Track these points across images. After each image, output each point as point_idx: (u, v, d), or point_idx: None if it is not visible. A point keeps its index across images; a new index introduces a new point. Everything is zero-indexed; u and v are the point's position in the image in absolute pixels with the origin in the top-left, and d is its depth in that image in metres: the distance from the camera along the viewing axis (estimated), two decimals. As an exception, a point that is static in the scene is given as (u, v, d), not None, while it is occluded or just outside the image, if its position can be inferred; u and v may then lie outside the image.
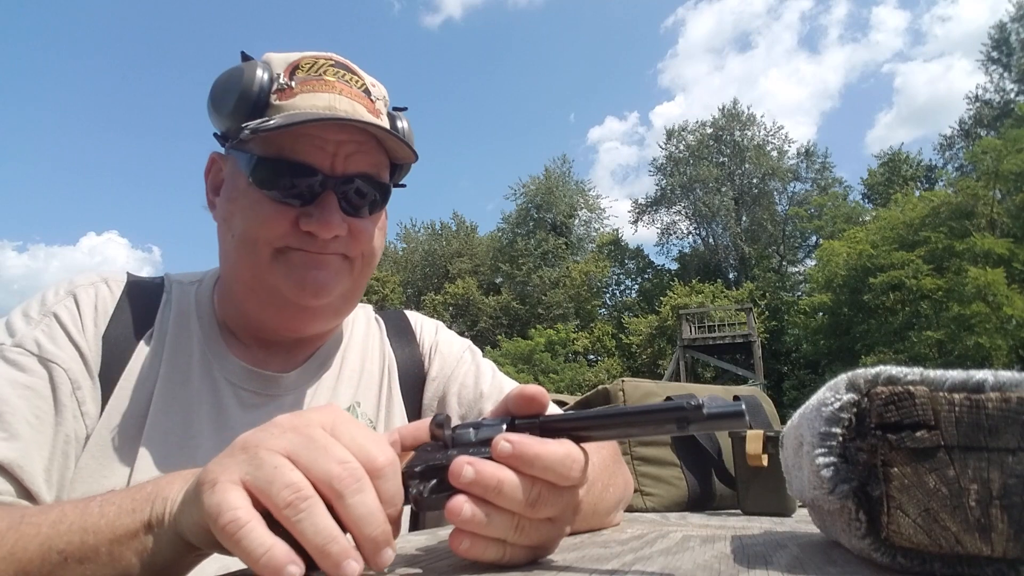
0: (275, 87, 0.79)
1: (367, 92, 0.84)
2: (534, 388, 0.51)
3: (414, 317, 1.05)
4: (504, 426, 0.49)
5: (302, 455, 0.44)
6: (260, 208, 0.79)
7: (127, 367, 0.80)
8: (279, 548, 0.40)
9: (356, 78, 0.84)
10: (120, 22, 65.49)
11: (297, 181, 0.78)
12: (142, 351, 0.82)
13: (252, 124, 0.76)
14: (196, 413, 0.80)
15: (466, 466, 0.46)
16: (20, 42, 66.09)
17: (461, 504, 0.45)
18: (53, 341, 0.76)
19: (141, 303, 0.85)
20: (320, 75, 0.81)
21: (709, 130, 34.63)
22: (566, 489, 0.48)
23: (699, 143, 34.37)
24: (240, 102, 0.78)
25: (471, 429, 0.50)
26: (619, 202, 67.53)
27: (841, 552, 0.53)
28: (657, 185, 35.53)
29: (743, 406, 0.45)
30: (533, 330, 28.47)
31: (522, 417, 0.50)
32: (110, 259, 61.83)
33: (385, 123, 0.84)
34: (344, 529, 0.43)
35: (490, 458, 0.46)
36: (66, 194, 67.69)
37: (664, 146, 35.43)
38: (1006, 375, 0.41)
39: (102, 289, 0.83)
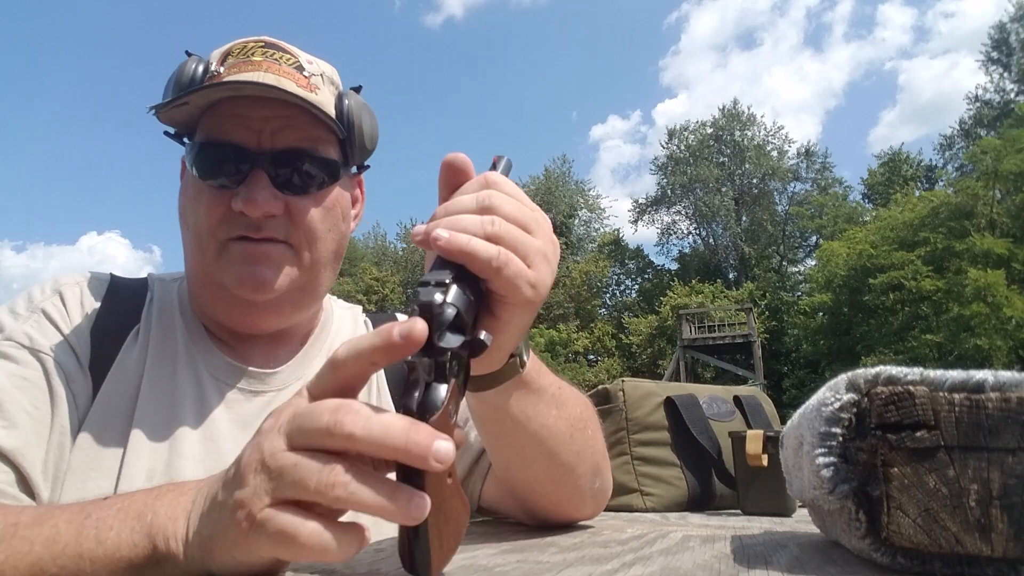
0: (208, 75, 0.79)
1: (300, 68, 0.81)
2: (456, 156, 0.55)
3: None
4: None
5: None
6: (201, 196, 0.79)
7: (115, 362, 0.79)
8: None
9: (288, 56, 0.82)
10: (121, 21, 65.61)
11: (226, 162, 0.78)
12: (129, 347, 0.81)
13: (155, 104, 0.76)
14: (181, 407, 0.79)
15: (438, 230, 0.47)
16: (20, 41, 66.21)
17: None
18: (43, 335, 0.76)
19: (126, 300, 0.85)
20: (248, 57, 0.80)
21: (709, 130, 34.64)
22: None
23: (699, 143, 34.37)
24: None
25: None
26: (619, 201, 67.41)
27: (841, 552, 0.53)
28: (658, 185, 35.62)
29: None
30: (533, 330, 28.23)
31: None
32: (110, 259, 61.63)
33: (321, 98, 0.80)
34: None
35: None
36: (66, 194, 67.72)
37: (665, 146, 35.51)
38: (1006, 375, 0.41)
39: (87, 287, 0.83)
